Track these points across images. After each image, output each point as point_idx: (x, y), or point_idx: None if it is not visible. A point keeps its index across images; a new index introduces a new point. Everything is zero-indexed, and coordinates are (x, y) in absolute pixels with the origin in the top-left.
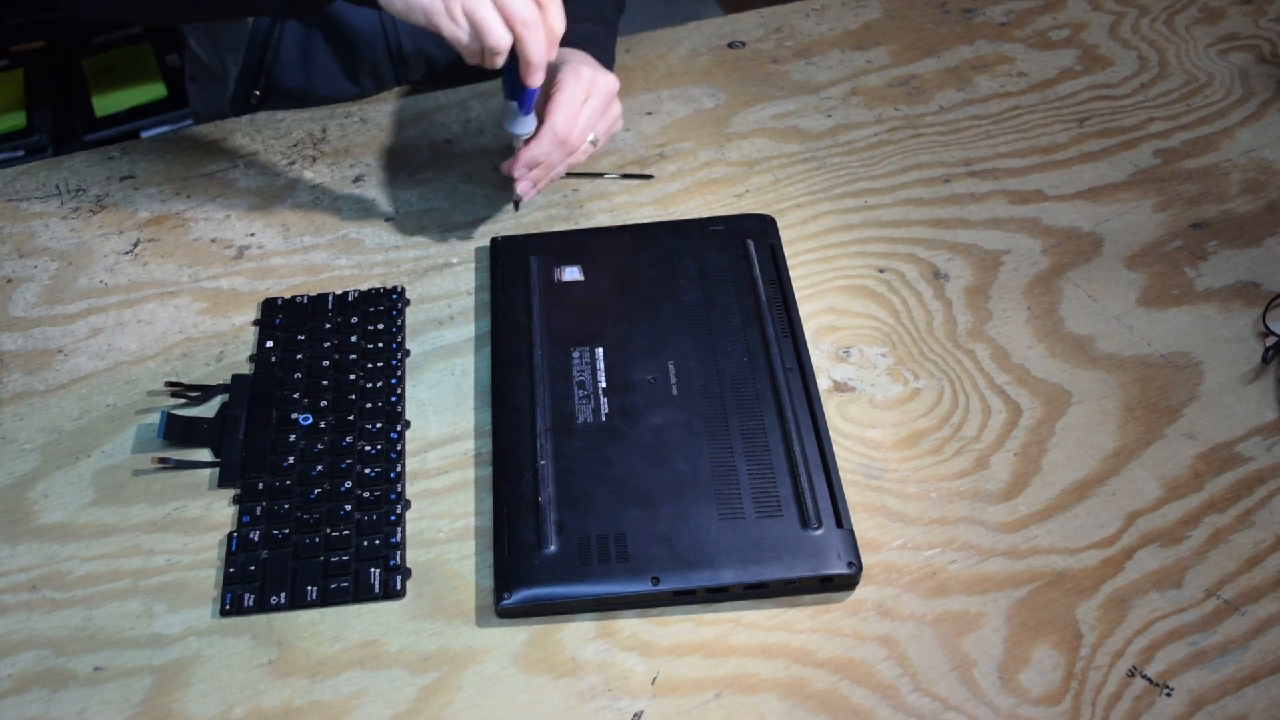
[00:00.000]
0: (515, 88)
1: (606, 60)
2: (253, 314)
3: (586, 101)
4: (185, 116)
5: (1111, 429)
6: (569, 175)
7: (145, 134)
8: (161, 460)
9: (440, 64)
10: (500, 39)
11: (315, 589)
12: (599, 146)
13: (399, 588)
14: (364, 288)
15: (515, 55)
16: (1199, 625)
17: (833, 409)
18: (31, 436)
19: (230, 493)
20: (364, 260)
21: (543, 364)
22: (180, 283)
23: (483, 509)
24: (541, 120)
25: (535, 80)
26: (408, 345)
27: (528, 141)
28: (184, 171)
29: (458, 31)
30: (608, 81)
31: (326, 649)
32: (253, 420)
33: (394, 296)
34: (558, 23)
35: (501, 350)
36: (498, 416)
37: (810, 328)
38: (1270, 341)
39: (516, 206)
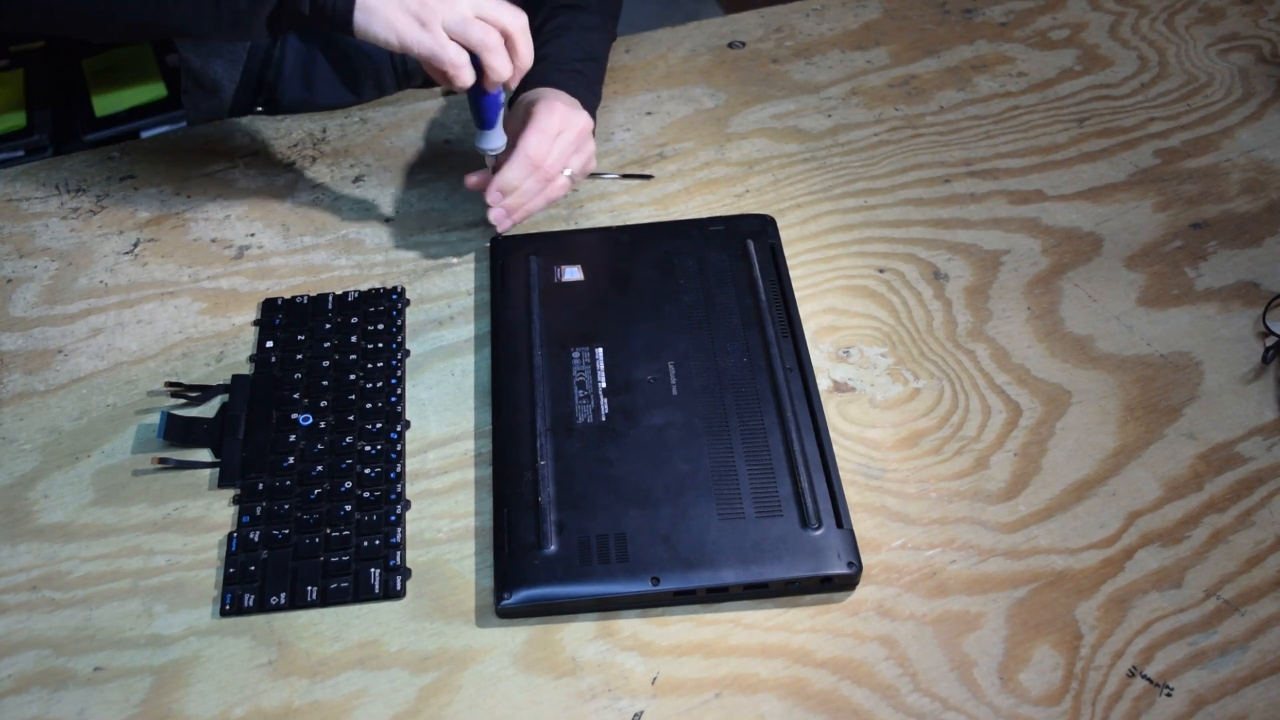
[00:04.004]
0: (479, 97)
1: (590, 99)
2: (253, 314)
3: (560, 134)
4: (185, 118)
5: (1111, 429)
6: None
7: (145, 134)
8: (161, 460)
9: None
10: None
11: (315, 589)
12: (575, 183)
13: (399, 588)
14: (364, 288)
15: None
16: (1199, 625)
17: (833, 409)
18: (31, 436)
19: (230, 493)
20: (364, 260)
21: (543, 364)
22: (180, 283)
23: (483, 509)
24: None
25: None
26: (408, 345)
27: (499, 161)
28: (184, 171)
29: (434, 51)
30: (581, 118)
31: (326, 649)
32: (253, 420)
33: (394, 296)
34: (526, 56)
35: (501, 350)
36: (498, 416)
37: (810, 328)
38: (1270, 341)
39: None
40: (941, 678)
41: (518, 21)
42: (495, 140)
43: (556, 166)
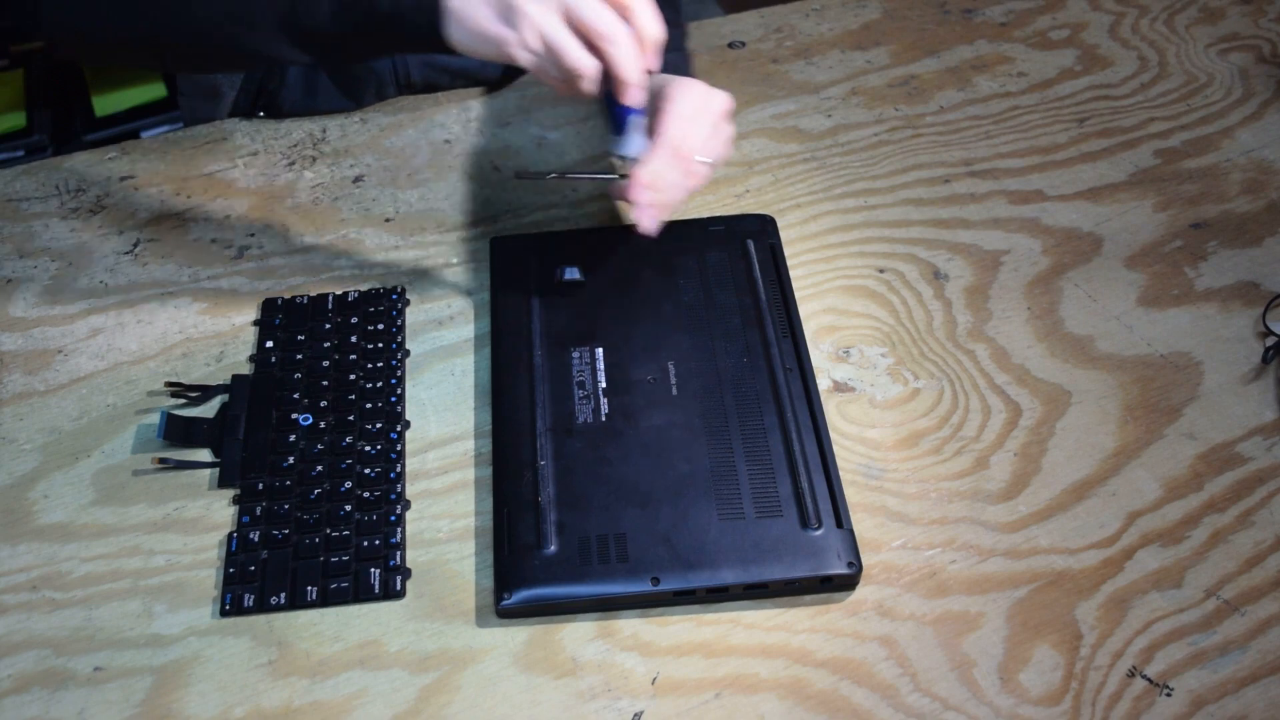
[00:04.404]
0: (616, 107)
1: None
2: (253, 314)
3: (700, 115)
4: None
5: (1111, 429)
6: (569, 175)
7: (145, 134)
8: (161, 460)
9: (447, 89)
10: (579, 61)
11: (315, 589)
12: (713, 170)
13: (399, 588)
14: (364, 288)
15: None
16: (1199, 625)
17: (833, 409)
18: (31, 436)
19: (230, 493)
20: (364, 260)
21: (543, 364)
22: (180, 283)
23: (483, 509)
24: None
25: (632, 98)
26: (408, 345)
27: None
28: (184, 171)
29: (535, 60)
30: (722, 98)
31: (326, 649)
32: (253, 420)
33: (394, 296)
34: (650, 27)
35: (501, 350)
36: (498, 416)
37: (810, 328)
38: (1270, 341)
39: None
40: (941, 678)
41: None
42: (635, 145)
43: (698, 153)
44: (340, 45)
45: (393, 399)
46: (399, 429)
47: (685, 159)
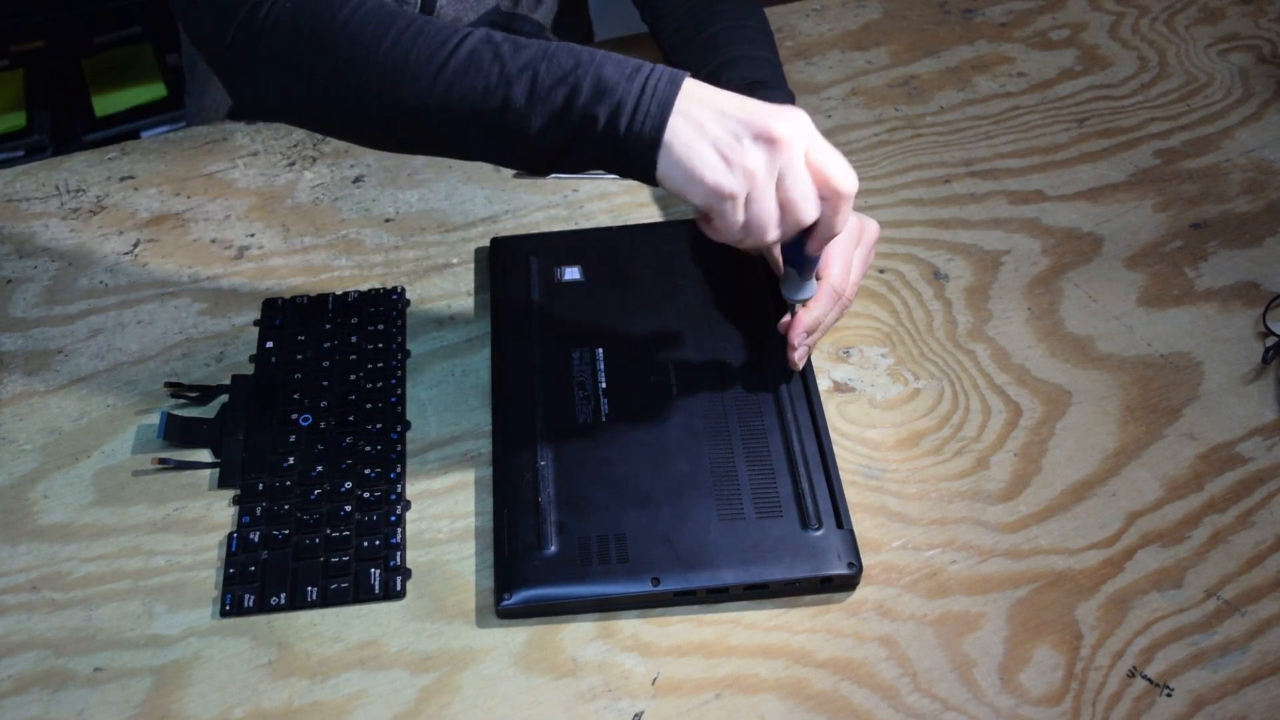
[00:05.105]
0: (798, 255)
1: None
2: (253, 314)
3: (856, 250)
4: (184, 117)
5: (1111, 429)
6: (569, 175)
7: (145, 134)
8: (161, 461)
9: None
10: (770, 238)
11: (315, 589)
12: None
13: (399, 588)
14: (364, 288)
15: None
16: (1199, 625)
17: (833, 409)
18: (31, 437)
19: (230, 493)
20: (364, 260)
21: (543, 364)
22: (180, 283)
23: (483, 509)
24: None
25: (819, 249)
26: (408, 345)
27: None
28: (184, 171)
29: (731, 220)
30: (873, 228)
31: (326, 650)
32: (253, 421)
33: (394, 296)
34: (841, 227)
35: (501, 350)
36: (498, 417)
37: None
38: (1270, 341)
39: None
40: (941, 678)
41: (850, 185)
42: (810, 290)
43: (855, 288)
44: (544, 158)
45: (393, 399)
46: (399, 429)
47: (843, 296)
